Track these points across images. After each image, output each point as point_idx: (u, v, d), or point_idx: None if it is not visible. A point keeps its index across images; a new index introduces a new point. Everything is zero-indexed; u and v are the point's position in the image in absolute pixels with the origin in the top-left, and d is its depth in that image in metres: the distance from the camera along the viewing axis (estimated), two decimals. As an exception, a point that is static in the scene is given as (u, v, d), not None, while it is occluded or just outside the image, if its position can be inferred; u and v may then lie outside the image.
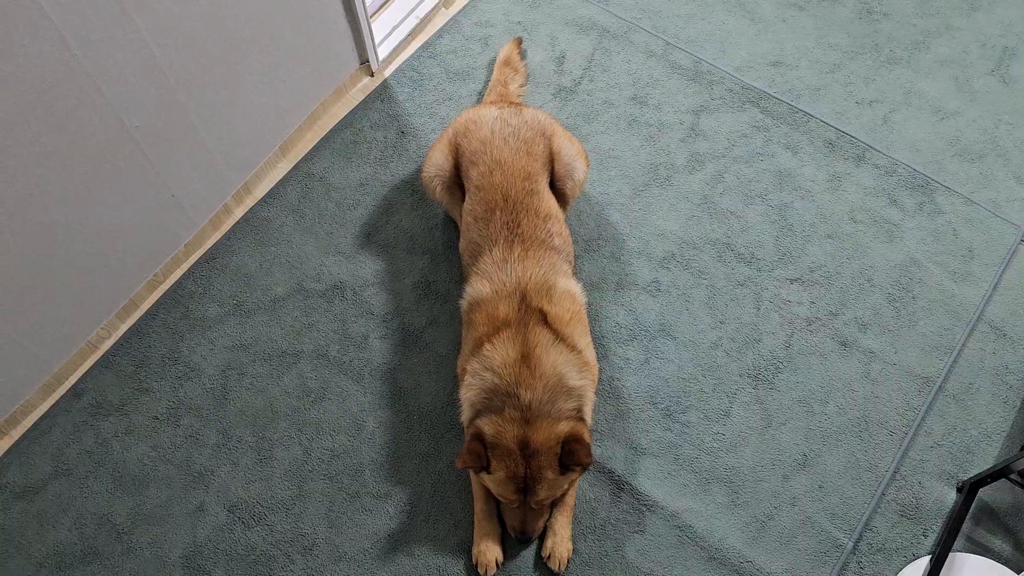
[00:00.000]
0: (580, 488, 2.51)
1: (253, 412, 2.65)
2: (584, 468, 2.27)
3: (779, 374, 2.67)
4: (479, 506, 2.45)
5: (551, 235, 2.55)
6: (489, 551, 2.41)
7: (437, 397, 2.66)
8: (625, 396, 2.65)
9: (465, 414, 2.41)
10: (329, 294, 2.84)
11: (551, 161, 2.69)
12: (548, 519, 2.43)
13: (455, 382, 2.62)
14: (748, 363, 2.69)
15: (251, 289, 2.85)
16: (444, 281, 2.85)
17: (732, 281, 2.83)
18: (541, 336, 2.36)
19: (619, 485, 2.51)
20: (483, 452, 2.23)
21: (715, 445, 2.57)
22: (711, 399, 2.64)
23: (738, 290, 2.81)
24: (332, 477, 2.55)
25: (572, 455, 2.21)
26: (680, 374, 2.68)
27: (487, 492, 2.43)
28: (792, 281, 2.82)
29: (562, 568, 2.40)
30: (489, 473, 2.26)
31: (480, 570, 2.40)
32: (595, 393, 2.48)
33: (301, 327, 2.79)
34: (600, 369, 2.63)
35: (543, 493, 2.26)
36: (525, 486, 2.25)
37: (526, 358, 2.31)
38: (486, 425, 2.26)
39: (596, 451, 2.55)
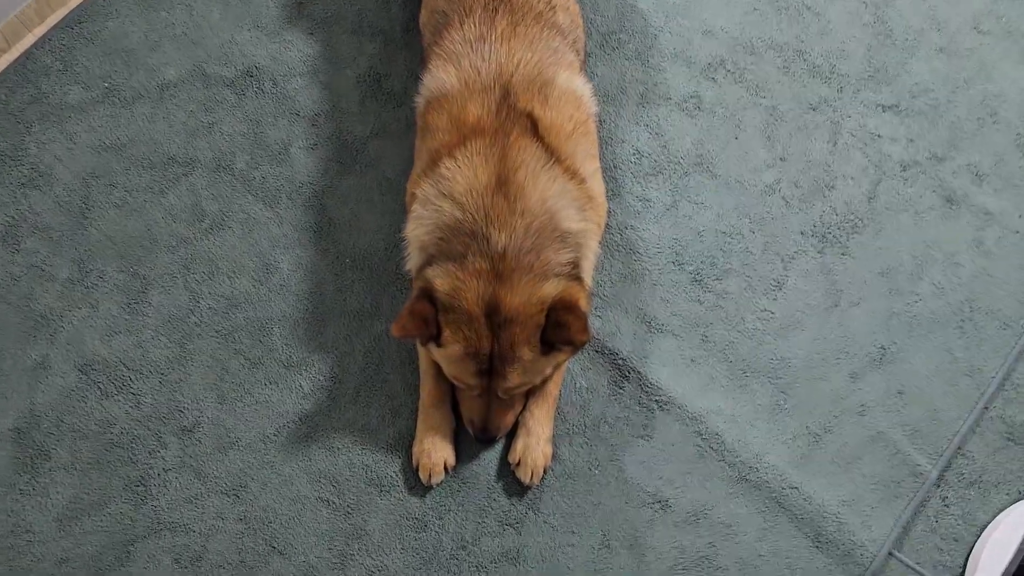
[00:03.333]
0: (568, 373, 1.81)
1: (123, 239, 1.92)
2: (577, 347, 1.59)
3: (856, 235, 1.93)
4: (426, 389, 1.76)
5: (553, 7, 1.75)
6: (436, 450, 1.73)
7: (379, 235, 1.92)
8: (640, 251, 1.91)
9: (412, 260, 1.69)
10: (239, 83, 2.04)
11: None
12: (521, 413, 1.74)
13: (405, 215, 1.87)
14: (814, 217, 1.94)
15: (131, 69, 2.05)
16: (400, 76, 2.05)
17: (802, 103, 2.03)
18: (527, 153, 1.61)
19: (623, 372, 1.81)
20: (432, 316, 1.53)
21: (759, 326, 1.86)
22: (759, 263, 1.90)
23: (809, 116, 2.02)
24: (227, 335, 1.85)
25: (561, 328, 1.51)
26: (719, 226, 1.93)
27: (438, 371, 1.73)
28: (885, 108, 2.03)
29: (535, 480, 1.74)
30: (439, 346, 1.56)
31: (422, 475, 1.74)
32: (600, 243, 1.74)
33: (198, 127, 2.01)
34: (609, 211, 1.88)
35: (516, 379, 1.57)
36: (491, 367, 1.57)
37: (503, 184, 1.58)
38: (439, 277, 1.55)
39: (595, 324, 1.84)
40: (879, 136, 2.01)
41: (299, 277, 1.89)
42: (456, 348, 1.56)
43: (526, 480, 1.73)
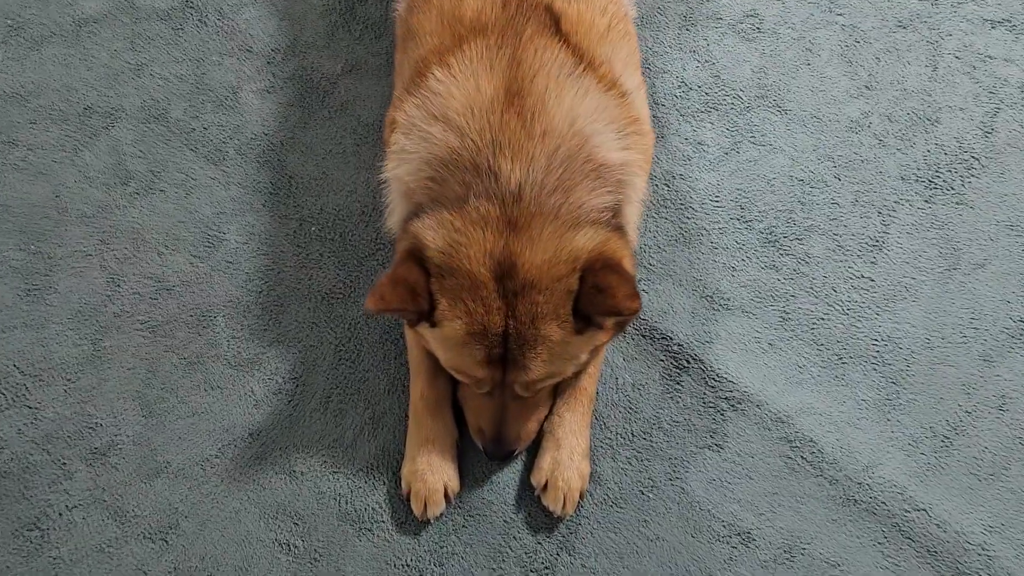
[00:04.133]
0: (607, 366, 1.37)
1: (24, 209, 1.49)
2: (623, 322, 1.15)
3: (972, 179, 1.49)
4: (418, 388, 1.31)
5: None
6: (433, 472, 1.28)
7: (354, 196, 1.49)
8: (695, 206, 1.47)
9: (394, 212, 1.27)
10: (176, 16, 1.63)
11: None
12: (546, 419, 1.29)
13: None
14: (917, 158, 1.50)
15: (41, 3, 1.64)
16: (378, 0, 1.63)
17: (888, 20, 1.61)
18: (547, 55, 1.20)
19: (680, 362, 1.37)
20: (422, 284, 1.11)
21: (856, 298, 1.41)
22: (850, 217, 1.46)
23: (898, 35, 1.60)
24: (156, 327, 1.40)
25: (602, 295, 1.08)
26: (794, 172, 1.50)
27: (433, 363, 1.29)
28: (994, 24, 1.61)
29: (569, 509, 1.28)
30: (434, 326, 1.12)
31: (414, 505, 1.28)
32: (647, 186, 1.31)
33: (123, 69, 1.59)
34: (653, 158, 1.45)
35: (540, 368, 1.14)
36: (505, 353, 1.12)
37: (516, 97, 1.17)
38: (430, 230, 1.13)
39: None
40: (990, 57, 1.58)
41: (251, 251, 1.45)
42: (457, 327, 1.12)
43: (557, 509, 1.27)
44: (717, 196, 1.48)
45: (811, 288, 1.42)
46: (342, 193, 1.49)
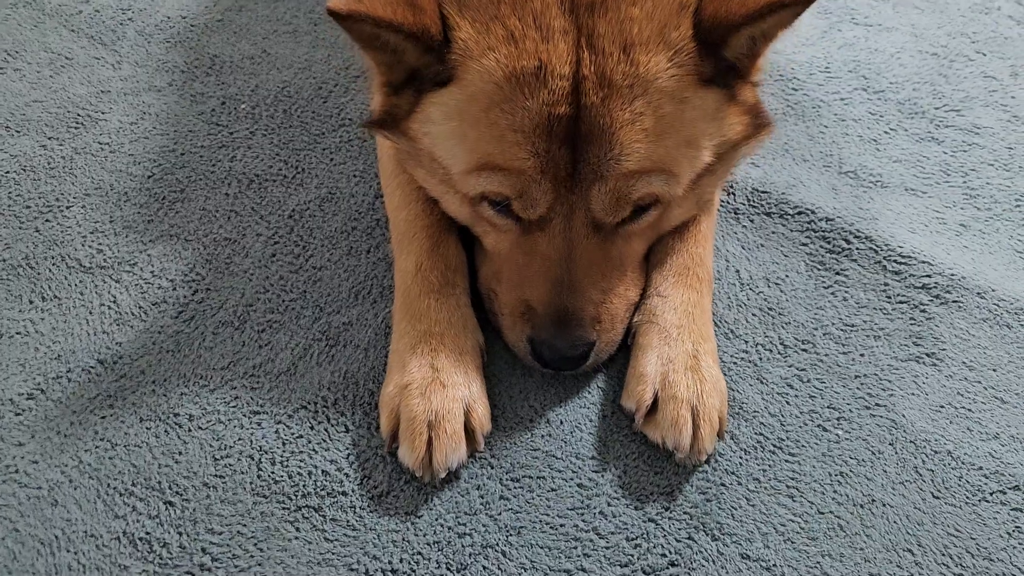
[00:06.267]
0: (719, 257, 0.83)
1: None
2: (762, 122, 0.81)
3: None
4: (411, 258, 0.79)
5: None
6: (442, 386, 0.69)
7: (308, 74, 1.03)
8: (801, 78, 1.05)
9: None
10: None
11: None
12: (639, 306, 0.73)
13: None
14: (1074, 37, 1.12)
15: None
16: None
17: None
18: None
19: (834, 243, 0.86)
20: None
21: (1065, 171, 0.94)
22: (1017, 90, 1.06)
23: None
24: (-37, 222, 0.84)
25: None
26: (921, 47, 1.11)
27: (437, 219, 0.75)
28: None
29: (705, 447, 0.67)
30: (444, 84, 0.63)
31: (407, 451, 0.67)
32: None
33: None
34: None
35: (641, 148, 0.69)
36: (576, 123, 0.60)
37: None
38: None
39: (751, 172, 0.90)
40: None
41: (141, 131, 0.93)
42: (490, 68, 0.66)
43: (681, 444, 0.66)
44: (827, 68, 1.05)
45: (996, 161, 0.95)
46: (289, 71, 1.01)
